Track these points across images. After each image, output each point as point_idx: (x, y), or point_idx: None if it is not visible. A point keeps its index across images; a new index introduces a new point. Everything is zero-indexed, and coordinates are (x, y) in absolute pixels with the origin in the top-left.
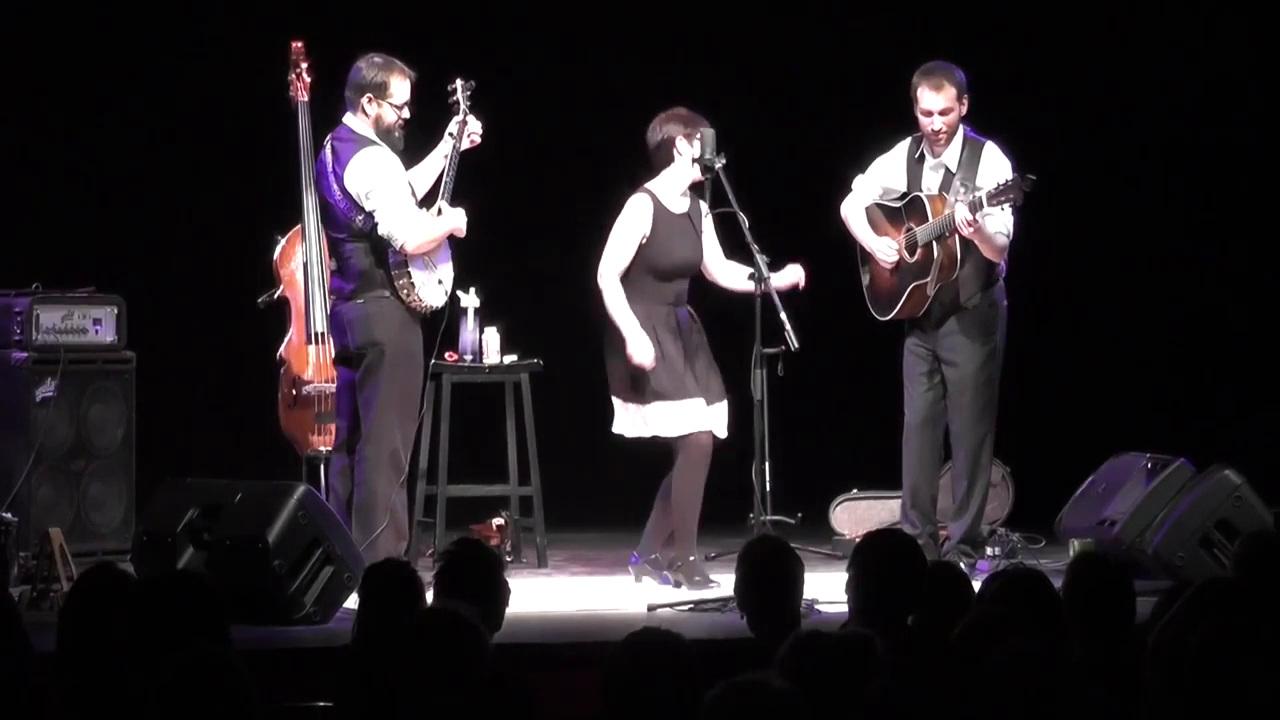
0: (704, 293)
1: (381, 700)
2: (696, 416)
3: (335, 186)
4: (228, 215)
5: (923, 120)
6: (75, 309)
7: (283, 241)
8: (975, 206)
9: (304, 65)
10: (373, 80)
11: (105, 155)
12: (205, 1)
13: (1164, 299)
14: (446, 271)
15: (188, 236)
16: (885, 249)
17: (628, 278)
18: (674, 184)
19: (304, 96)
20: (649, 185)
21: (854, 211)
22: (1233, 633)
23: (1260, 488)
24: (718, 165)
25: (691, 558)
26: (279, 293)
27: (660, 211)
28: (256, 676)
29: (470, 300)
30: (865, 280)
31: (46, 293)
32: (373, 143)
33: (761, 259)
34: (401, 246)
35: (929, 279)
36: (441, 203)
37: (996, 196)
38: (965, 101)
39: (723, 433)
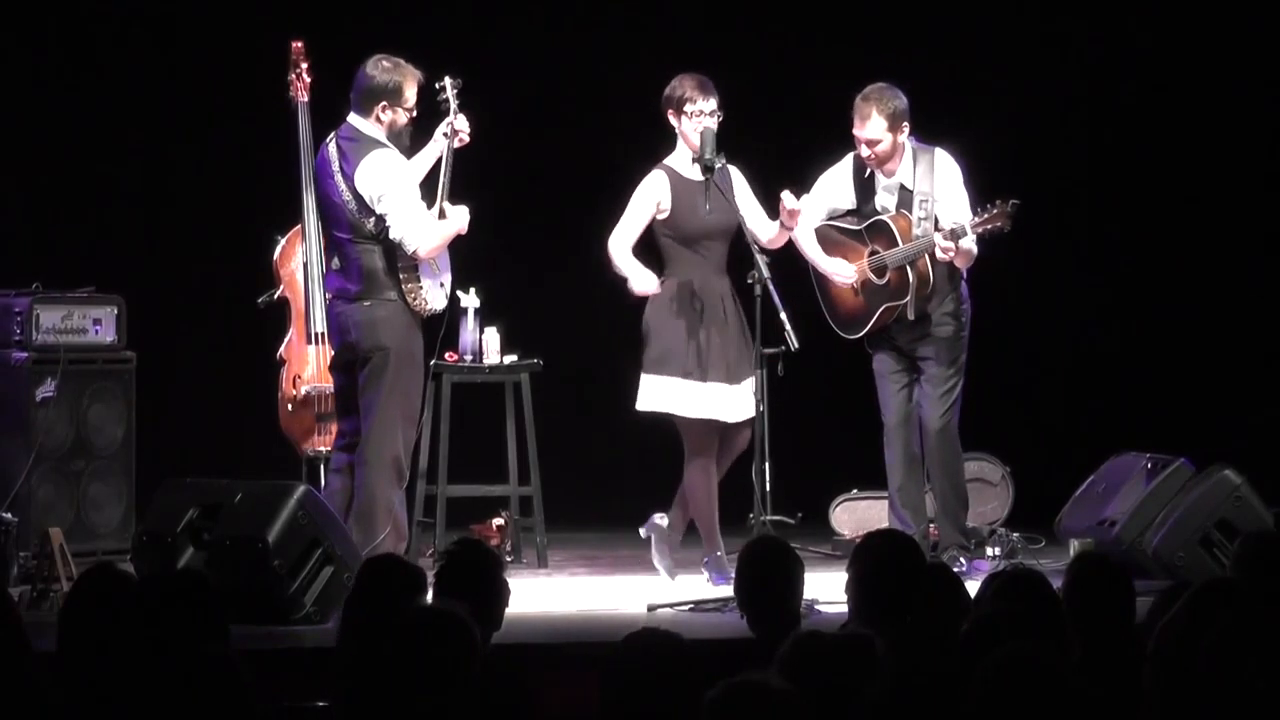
0: None
1: (376, 699)
2: (699, 402)
3: (343, 186)
4: (228, 215)
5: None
6: (75, 309)
7: (283, 241)
8: (958, 235)
9: (304, 65)
10: (387, 85)
11: (105, 155)
12: (205, 1)
13: (1164, 299)
14: (448, 274)
15: (188, 236)
16: (843, 272)
17: (662, 253)
18: (682, 154)
19: (304, 96)
20: (667, 159)
21: (803, 233)
22: (1245, 630)
23: (1260, 488)
24: (717, 165)
25: (719, 553)
26: (279, 293)
27: (677, 181)
28: (256, 676)
29: (470, 300)
30: (823, 301)
31: (46, 293)
32: (382, 145)
33: (761, 259)
34: (414, 251)
35: (907, 301)
36: (444, 204)
37: (982, 224)
38: (903, 128)
39: (739, 415)
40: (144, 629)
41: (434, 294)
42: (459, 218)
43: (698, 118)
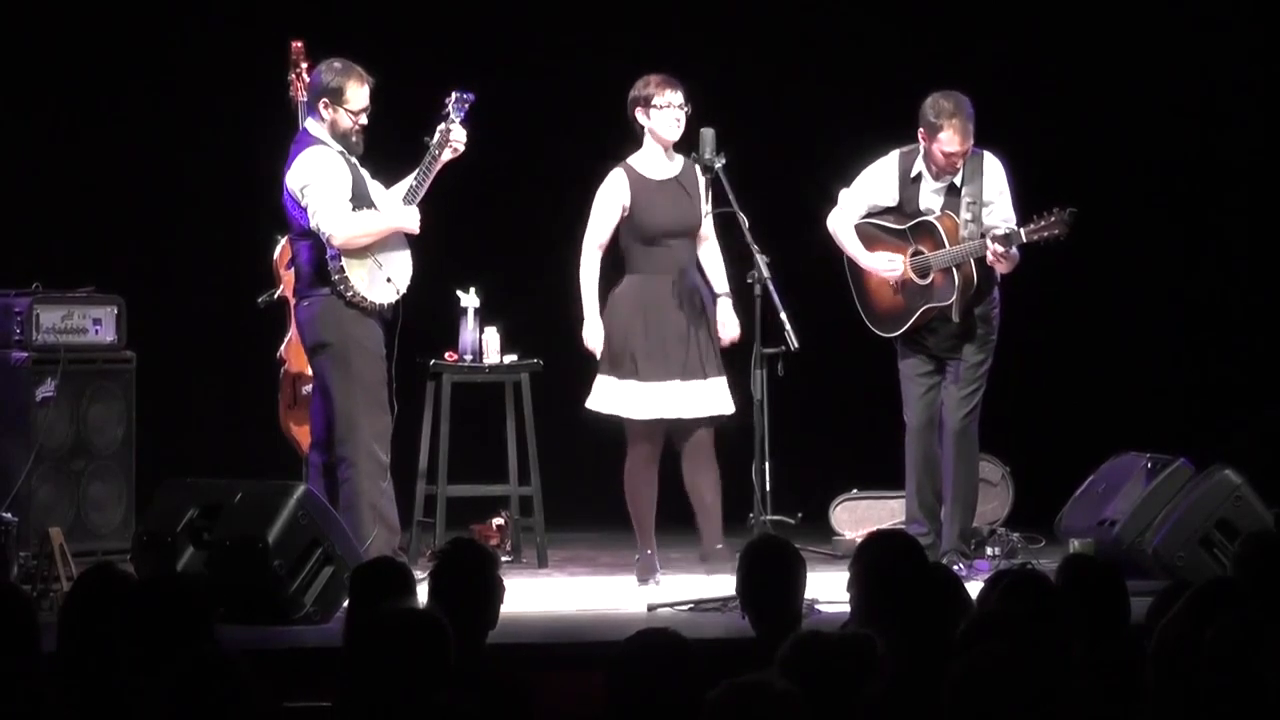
0: None
1: (376, 700)
2: (640, 402)
3: (284, 186)
4: (228, 215)
5: (941, 158)
6: (75, 309)
7: (283, 241)
8: (1012, 241)
9: (304, 65)
10: (329, 85)
11: (105, 155)
12: (205, 1)
13: (1164, 298)
14: (398, 269)
15: (188, 236)
16: (887, 264)
17: (623, 251)
18: (647, 153)
19: (304, 96)
20: (629, 158)
21: (843, 228)
22: (1244, 630)
23: (1260, 488)
24: (717, 165)
25: (649, 551)
26: (279, 293)
27: (637, 180)
28: (256, 676)
29: (470, 300)
30: (859, 298)
31: (46, 293)
32: (320, 144)
33: (761, 259)
34: (329, 238)
35: (952, 302)
36: (398, 202)
37: (1037, 231)
38: None
39: (693, 412)
40: (134, 632)
41: (374, 287)
42: (400, 217)
43: (668, 109)
